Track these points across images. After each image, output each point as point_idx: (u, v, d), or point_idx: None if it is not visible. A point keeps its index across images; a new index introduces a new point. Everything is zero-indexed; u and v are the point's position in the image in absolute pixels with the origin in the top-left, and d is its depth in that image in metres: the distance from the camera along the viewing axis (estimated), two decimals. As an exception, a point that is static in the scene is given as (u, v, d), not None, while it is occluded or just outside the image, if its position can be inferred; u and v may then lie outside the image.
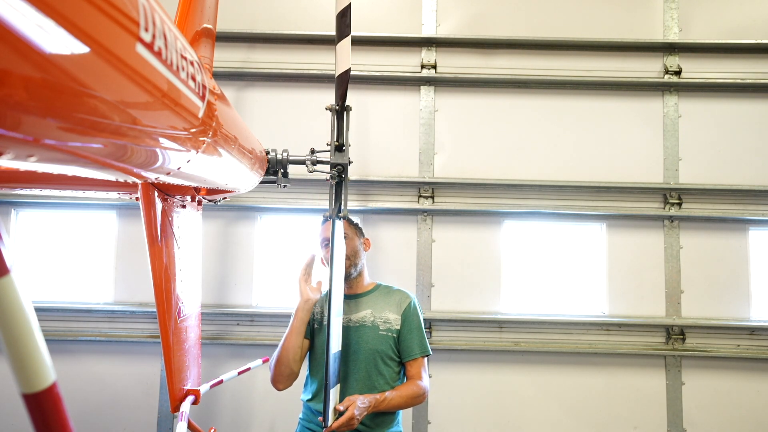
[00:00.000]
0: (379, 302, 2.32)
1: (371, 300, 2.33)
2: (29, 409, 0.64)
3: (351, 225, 2.41)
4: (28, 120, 0.55)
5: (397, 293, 2.36)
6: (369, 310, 2.29)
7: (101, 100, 0.66)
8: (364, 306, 2.31)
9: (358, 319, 2.27)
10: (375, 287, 2.40)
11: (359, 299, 2.34)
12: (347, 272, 2.27)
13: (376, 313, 2.28)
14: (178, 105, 0.97)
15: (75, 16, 0.55)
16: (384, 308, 2.29)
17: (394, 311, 2.28)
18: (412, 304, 2.32)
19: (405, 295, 2.35)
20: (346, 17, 2.49)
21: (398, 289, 2.40)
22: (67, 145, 0.68)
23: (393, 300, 2.32)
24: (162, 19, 0.82)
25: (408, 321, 2.28)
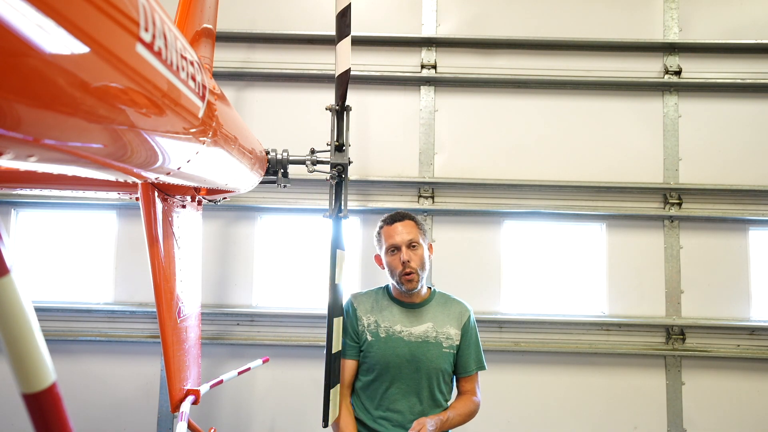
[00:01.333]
0: (439, 314, 2.13)
1: (431, 311, 2.13)
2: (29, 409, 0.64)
3: (419, 227, 2.13)
4: (28, 120, 0.55)
5: (455, 304, 2.18)
6: (430, 323, 2.09)
7: (101, 100, 0.66)
8: (425, 318, 2.10)
9: (419, 333, 2.07)
10: (432, 295, 2.19)
11: (419, 310, 2.13)
12: (411, 287, 2.05)
13: (438, 328, 2.09)
14: (178, 105, 0.97)
15: (75, 16, 0.55)
16: (445, 322, 2.11)
17: (454, 325, 2.11)
18: (471, 318, 2.16)
19: (464, 308, 2.18)
20: (346, 17, 2.50)
21: (456, 298, 2.21)
22: (67, 145, 0.68)
23: (453, 312, 2.15)
24: (162, 19, 0.82)
25: (467, 336, 2.13)
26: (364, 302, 2.16)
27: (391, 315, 2.10)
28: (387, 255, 2.09)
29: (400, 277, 2.03)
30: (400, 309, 2.12)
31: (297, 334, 3.53)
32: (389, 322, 2.08)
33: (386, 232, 2.10)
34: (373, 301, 2.16)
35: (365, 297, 2.19)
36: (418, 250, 2.05)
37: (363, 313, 2.13)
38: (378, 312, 2.12)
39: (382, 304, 2.15)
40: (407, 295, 2.11)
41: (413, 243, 2.05)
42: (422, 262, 2.06)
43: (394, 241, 2.05)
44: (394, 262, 2.05)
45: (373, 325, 2.11)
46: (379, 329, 2.09)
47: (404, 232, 2.06)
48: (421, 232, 2.11)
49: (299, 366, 3.52)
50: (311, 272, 3.65)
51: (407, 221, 2.10)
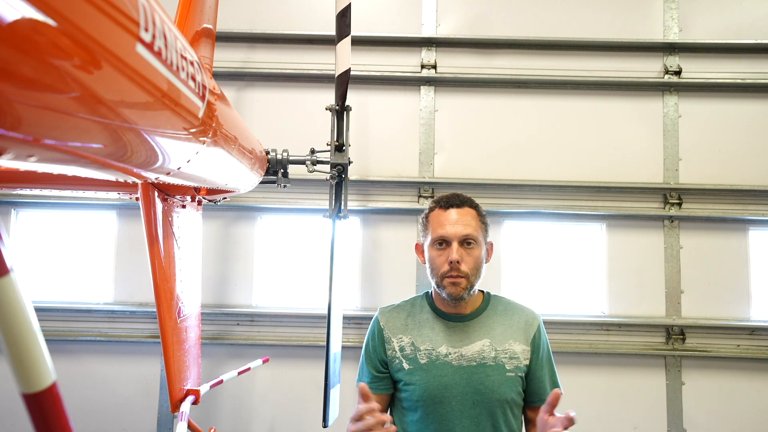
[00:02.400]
0: (498, 326, 1.63)
1: (487, 324, 1.63)
2: (29, 409, 0.64)
3: (481, 220, 1.63)
4: (28, 120, 0.55)
5: (519, 311, 1.68)
6: (486, 339, 1.60)
7: (101, 100, 0.66)
8: (478, 333, 1.61)
9: (473, 354, 1.57)
10: (486, 301, 1.68)
11: (470, 323, 1.63)
12: (454, 293, 1.55)
13: (496, 345, 1.59)
14: (178, 105, 0.97)
15: (75, 16, 0.55)
16: (507, 336, 1.61)
17: (521, 340, 1.61)
18: (541, 327, 1.66)
19: (531, 315, 1.67)
20: (346, 17, 2.50)
21: (519, 304, 1.72)
22: (67, 145, 0.68)
23: (517, 322, 1.64)
24: (162, 19, 0.82)
25: (539, 352, 1.62)
26: (395, 319, 1.67)
27: (433, 333, 1.61)
28: (432, 248, 1.59)
29: (442, 278, 1.55)
30: (444, 323, 1.62)
31: (297, 334, 3.53)
32: (431, 343, 1.59)
33: (436, 218, 1.61)
34: (407, 316, 1.67)
35: (397, 312, 1.69)
36: (474, 250, 1.56)
37: (393, 334, 1.64)
38: (415, 330, 1.63)
39: (420, 318, 1.65)
40: (452, 304, 1.60)
41: (469, 239, 1.55)
42: (477, 266, 1.57)
43: (445, 233, 1.55)
44: (439, 258, 1.56)
45: (409, 348, 1.61)
46: (417, 353, 1.59)
47: (460, 222, 1.57)
48: (482, 226, 1.61)
49: (299, 366, 3.52)
50: (311, 272, 3.65)
51: (467, 209, 1.61)
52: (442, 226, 1.57)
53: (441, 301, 1.63)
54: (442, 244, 1.57)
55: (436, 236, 1.58)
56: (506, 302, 1.71)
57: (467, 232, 1.55)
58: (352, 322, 3.49)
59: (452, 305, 1.60)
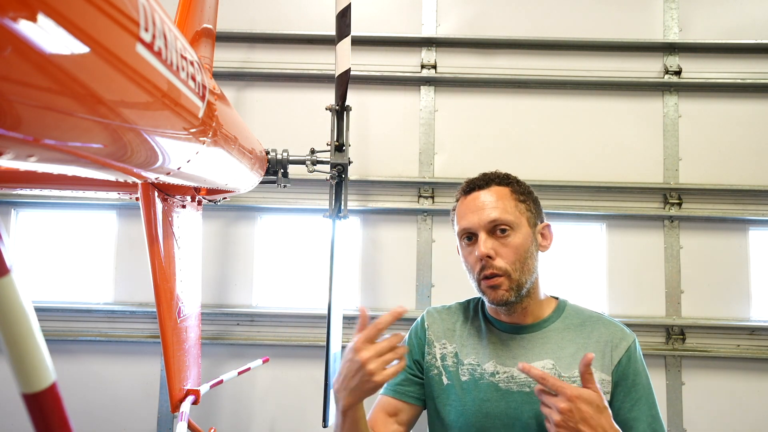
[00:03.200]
0: (569, 344, 1.23)
1: (553, 338, 1.24)
2: (29, 409, 0.64)
3: (516, 197, 1.27)
4: (28, 120, 0.55)
5: (602, 326, 1.26)
6: (549, 360, 1.21)
7: (101, 100, 0.66)
8: (540, 350, 1.23)
9: (526, 378, 1.20)
10: (558, 309, 1.30)
11: (529, 336, 1.25)
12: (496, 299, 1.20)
13: (563, 369, 1.19)
14: (178, 105, 0.97)
15: (75, 16, 0.55)
16: (577, 357, 1.19)
17: (597, 365, 1.19)
18: (634, 350, 1.22)
19: (618, 333, 1.24)
20: (346, 17, 2.50)
21: (605, 317, 1.29)
22: (67, 145, 0.68)
23: (596, 341, 1.23)
24: (162, 19, 0.82)
25: (625, 385, 1.18)
26: (442, 321, 1.36)
27: (481, 344, 1.27)
28: (461, 246, 1.28)
29: (479, 281, 1.21)
30: (496, 335, 1.27)
31: (297, 334, 3.53)
32: (476, 357, 1.26)
33: (460, 207, 1.28)
34: (455, 320, 1.35)
35: (446, 314, 1.37)
36: (511, 238, 1.20)
37: (436, 337, 1.33)
38: (462, 338, 1.31)
39: (471, 326, 1.32)
40: (505, 312, 1.24)
41: (501, 225, 1.19)
42: (521, 257, 1.20)
43: (468, 224, 1.22)
44: (470, 257, 1.24)
45: (451, 359, 1.29)
46: (460, 367, 1.26)
47: (485, 206, 1.21)
48: (521, 206, 1.25)
49: (299, 366, 3.52)
50: (311, 272, 3.65)
51: (495, 187, 1.25)
52: (465, 216, 1.24)
53: (492, 308, 1.29)
54: (471, 238, 1.23)
55: (460, 229, 1.25)
56: (587, 314, 1.29)
57: (494, 215, 1.20)
58: (352, 322, 3.49)
59: (506, 313, 1.25)
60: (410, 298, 3.55)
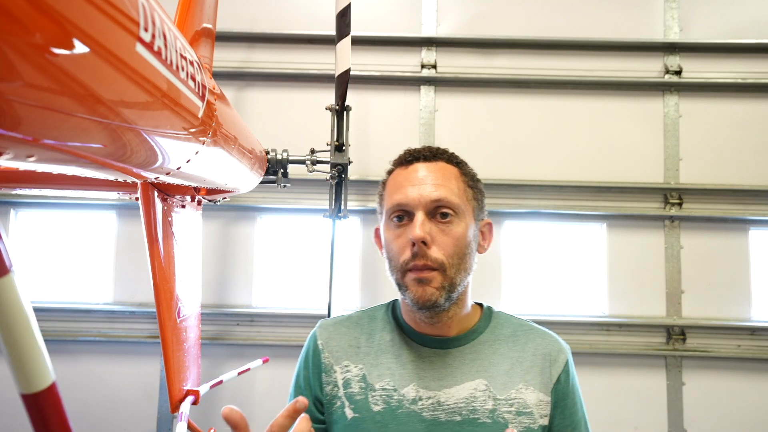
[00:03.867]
0: (501, 359, 1.04)
1: (483, 353, 1.04)
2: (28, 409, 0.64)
3: (466, 179, 1.07)
4: (27, 120, 0.55)
5: (537, 338, 1.09)
6: (480, 380, 1.00)
7: (101, 100, 0.66)
8: (469, 368, 1.02)
9: (457, 403, 0.98)
10: (484, 318, 1.10)
11: (456, 352, 1.04)
12: (424, 299, 0.96)
13: (497, 390, 1.00)
14: (177, 105, 0.97)
15: (75, 16, 0.54)
16: (515, 376, 1.02)
17: (536, 384, 1.02)
18: (571, 365, 1.08)
19: (555, 345, 1.09)
20: (346, 17, 2.50)
21: (537, 327, 1.12)
22: (66, 145, 0.67)
23: (532, 355, 1.05)
24: (162, 18, 0.82)
25: (564, 406, 1.03)
26: (341, 336, 1.09)
27: (398, 363, 1.03)
28: (388, 226, 1.02)
29: (403, 273, 0.97)
30: (415, 350, 1.04)
31: (297, 334, 3.53)
32: (392, 379, 1.01)
33: (395, 179, 1.04)
34: (359, 333, 1.09)
35: (345, 326, 1.11)
36: (453, 227, 0.98)
37: (336, 359, 1.06)
38: (371, 356, 1.05)
39: (380, 339, 1.07)
40: (426, 319, 1.00)
41: (444, 208, 0.98)
42: (460, 252, 0.98)
43: (404, 198, 0.98)
44: (397, 242, 0.98)
45: (358, 384, 1.02)
46: (369, 394, 1.01)
47: (429, 181, 1.00)
48: (469, 192, 1.05)
49: (299, 366, 3.52)
50: (311, 272, 3.65)
51: (442, 163, 1.05)
52: (401, 189, 0.99)
53: (410, 313, 1.04)
54: (402, 218, 0.98)
55: (392, 205, 0.99)
56: (516, 323, 1.10)
57: (439, 194, 0.97)
58: (352, 322, 3.48)
59: (426, 320, 1.00)
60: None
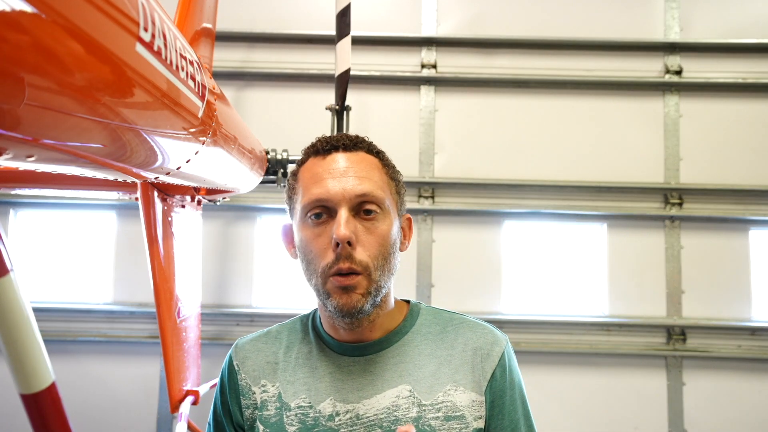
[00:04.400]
0: (427, 359, 0.94)
1: (407, 356, 0.95)
2: (28, 409, 0.64)
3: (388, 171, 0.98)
4: (27, 120, 0.55)
5: (467, 331, 0.98)
6: (404, 386, 0.92)
7: (101, 100, 0.66)
8: (392, 374, 0.93)
9: (378, 413, 0.90)
10: (410, 317, 1.00)
11: (376, 357, 0.95)
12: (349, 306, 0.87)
13: (422, 395, 0.91)
14: (177, 105, 0.96)
15: (75, 15, 0.54)
16: (442, 376, 0.93)
17: (467, 383, 0.92)
18: (508, 357, 0.96)
19: (489, 338, 0.96)
20: (346, 17, 2.50)
21: (469, 319, 1.01)
22: (66, 145, 0.67)
23: (461, 352, 0.95)
24: (161, 18, 0.82)
25: (502, 405, 0.93)
26: (258, 354, 1.01)
27: (314, 377, 0.95)
28: (304, 224, 0.92)
29: (325, 278, 0.88)
30: (333, 360, 0.95)
31: (297, 334, 3.52)
32: (308, 395, 0.93)
33: (311, 170, 0.93)
34: (277, 348, 1.01)
35: (263, 342, 1.02)
36: (378, 224, 0.90)
37: (253, 379, 0.98)
38: (287, 371, 0.97)
39: (297, 352, 0.99)
40: (346, 326, 0.91)
41: (369, 204, 0.89)
42: (385, 253, 0.90)
43: (326, 193, 0.88)
44: (316, 242, 0.89)
45: (273, 405, 0.94)
46: (285, 414, 0.93)
47: (351, 174, 0.90)
48: (391, 185, 0.97)
49: (299, 366, 3.51)
50: (311, 272, 3.64)
51: (362, 154, 0.95)
52: (319, 182, 0.89)
53: (329, 320, 0.95)
54: (321, 215, 0.89)
55: (310, 200, 0.89)
56: (446, 317, 1.01)
57: (364, 188, 0.89)
58: (352, 322, 3.48)
59: (346, 326, 0.91)
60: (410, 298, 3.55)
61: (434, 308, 1.04)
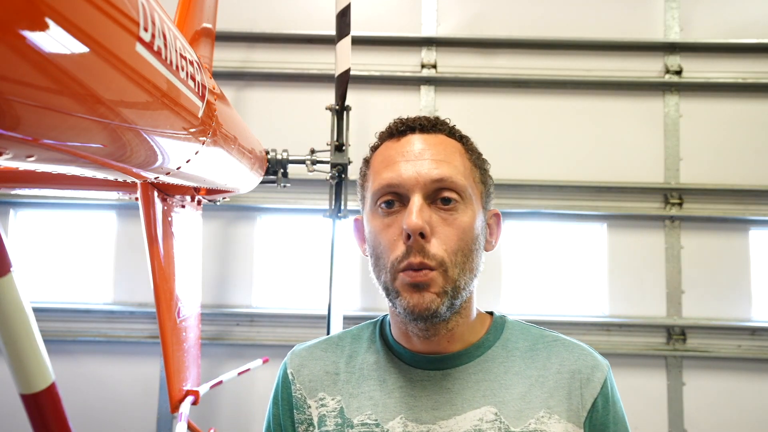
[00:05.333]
0: (516, 379, 0.82)
1: (492, 373, 0.83)
2: (28, 410, 0.64)
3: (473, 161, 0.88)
4: (27, 120, 0.55)
5: (562, 352, 0.85)
6: (489, 407, 0.79)
7: (100, 100, 0.66)
8: (474, 391, 0.81)
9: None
10: (493, 329, 0.90)
11: (456, 372, 0.83)
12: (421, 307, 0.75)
13: (510, 419, 0.78)
14: (177, 105, 0.96)
15: (75, 16, 0.54)
16: (534, 399, 0.80)
17: (561, 411, 0.79)
18: (610, 383, 0.83)
19: (589, 361, 0.84)
20: (346, 17, 2.50)
21: (563, 338, 0.89)
22: (66, 145, 0.67)
23: (555, 374, 0.83)
24: (161, 18, 0.82)
25: None
26: (316, 363, 0.91)
27: (382, 390, 0.83)
28: (373, 215, 0.82)
29: (393, 274, 0.77)
30: (406, 373, 0.84)
31: (296, 334, 3.53)
32: (374, 410, 0.82)
33: (383, 154, 0.85)
34: (338, 357, 0.90)
35: (322, 350, 0.92)
36: (458, 214, 0.78)
37: (309, 392, 0.88)
38: (350, 384, 0.86)
39: (362, 362, 0.88)
40: (420, 332, 0.81)
41: (448, 191, 0.78)
42: (465, 248, 0.79)
43: (397, 177, 0.79)
44: (385, 234, 0.79)
45: (333, 421, 0.83)
46: (347, 430, 0.82)
47: (428, 156, 0.80)
48: (475, 172, 0.87)
49: (299, 366, 3.51)
50: (311, 272, 3.65)
51: (442, 136, 0.85)
52: (391, 165, 0.80)
53: (401, 326, 0.84)
54: (392, 203, 0.78)
55: (380, 186, 0.79)
56: (536, 334, 0.88)
57: (442, 173, 0.77)
58: (352, 322, 3.48)
59: (420, 333, 0.80)
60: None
61: (521, 322, 0.92)
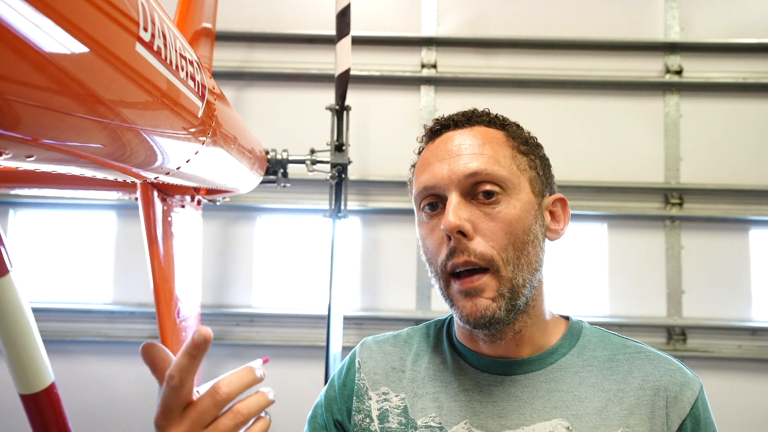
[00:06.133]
0: (591, 390, 0.76)
1: (565, 382, 0.77)
2: (28, 410, 0.63)
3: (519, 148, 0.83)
4: (27, 120, 0.55)
5: (644, 361, 0.79)
6: (559, 420, 0.73)
7: (100, 100, 0.66)
8: (545, 401, 0.75)
9: None
10: (570, 334, 0.85)
11: (525, 379, 0.78)
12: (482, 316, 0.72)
13: (579, 431, 0.72)
14: (177, 104, 0.96)
15: (75, 15, 0.54)
16: (611, 412, 0.74)
17: (643, 429, 0.73)
18: (702, 403, 0.82)
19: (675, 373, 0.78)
20: (346, 17, 2.50)
21: (646, 348, 0.82)
22: (66, 145, 0.67)
23: (638, 387, 0.76)
24: (161, 18, 0.82)
25: None
26: (384, 357, 0.88)
27: (447, 393, 0.81)
28: (420, 220, 0.83)
29: (446, 280, 0.77)
30: (473, 376, 0.81)
31: (297, 334, 3.53)
32: (439, 413, 0.79)
33: (422, 157, 0.83)
34: (406, 355, 0.87)
35: (391, 345, 0.90)
36: (501, 206, 0.74)
37: (372, 384, 0.85)
38: (416, 382, 0.83)
39: (430, 363, 0.85)
40: (487, 337, 0.77)
41: (486, 183, 0.74)
42: (514, 239, 0.74)
43: (432, 178, 0.77)
44: (431, 237, 0.80)
45: (396, 418, 0.80)
46: (411, 430, 0.79)
47: (462, 152, 0.77)
48: (519, 157, 0.80)
49: (299, 366, 3.51)
50: (311, 272, 3.65)
51: (480, 128, 0.81)
52: (428, 167, 0.78)
53: (465, 330, 0.81)
54: (435, 206, 0.77)
55: (418, 190, 0.79)
56: (617, 343, 0.82)
57: (477, 166, 0.74)
58: (352, 322, 3.48)
59: (485, 338, 0.76)
60: (410, 299, 3.55)
61: (600, 329, 0.86)
